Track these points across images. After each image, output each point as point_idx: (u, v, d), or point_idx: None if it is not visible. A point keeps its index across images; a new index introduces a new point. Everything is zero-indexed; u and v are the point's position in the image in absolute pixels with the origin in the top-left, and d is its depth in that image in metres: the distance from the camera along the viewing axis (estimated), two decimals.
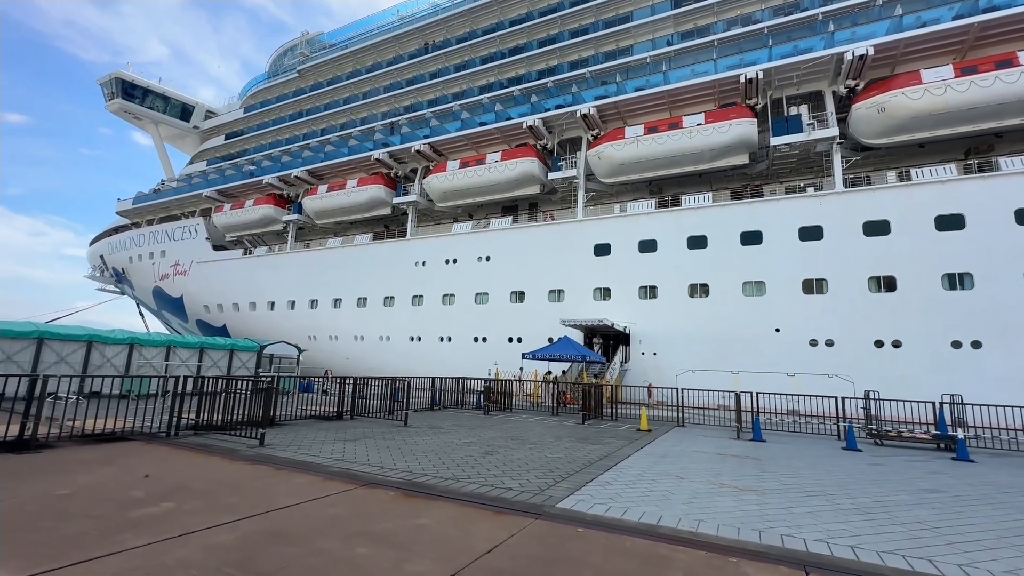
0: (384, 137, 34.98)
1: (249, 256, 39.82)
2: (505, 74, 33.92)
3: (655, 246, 24.94)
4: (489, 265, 29.20)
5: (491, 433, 10.80)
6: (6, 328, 13.19)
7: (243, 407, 9.43)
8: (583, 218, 27.17)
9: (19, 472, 5.75)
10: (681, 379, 22.82)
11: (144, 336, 16.25)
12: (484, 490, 5.76)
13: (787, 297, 21.79)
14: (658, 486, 6.36)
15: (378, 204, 33.77)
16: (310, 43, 46.80)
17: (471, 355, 28.65)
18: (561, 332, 26.03)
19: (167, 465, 6.44)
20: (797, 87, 24.00)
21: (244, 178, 40.30)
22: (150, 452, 7.27)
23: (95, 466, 6.21)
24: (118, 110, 45.44)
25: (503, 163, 28.75)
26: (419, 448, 8.51)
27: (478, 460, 7.62)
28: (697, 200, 24.54)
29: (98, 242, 53.62)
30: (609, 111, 27.14)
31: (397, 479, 6.10)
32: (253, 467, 6.51)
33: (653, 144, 24.75)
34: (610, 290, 25.71)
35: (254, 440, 8.24)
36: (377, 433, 10.14)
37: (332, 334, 34.01)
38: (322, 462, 6.97)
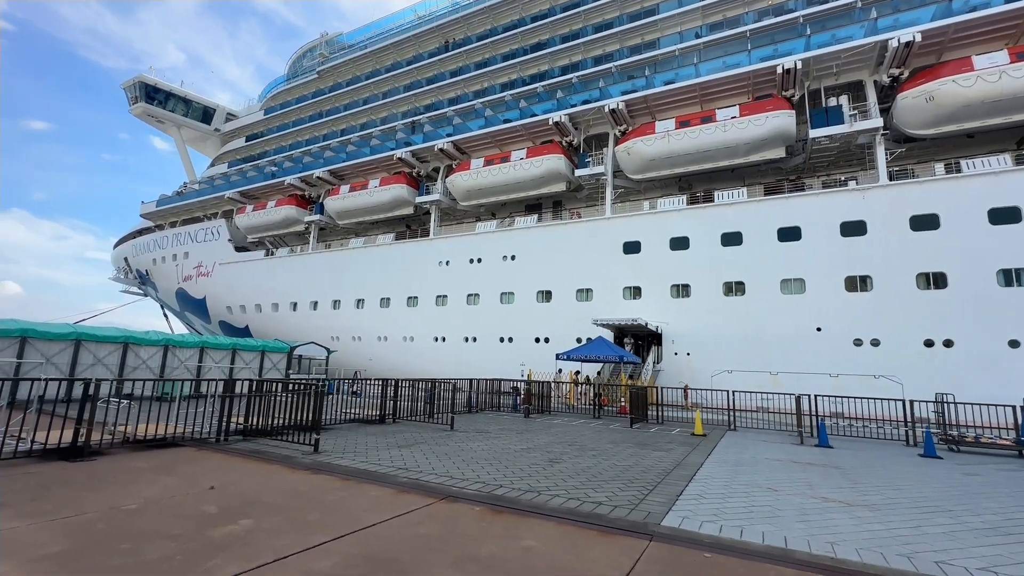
0: (406, 136, 34.73)
1: (271, 257, 39.88)
2: (527, 71, 33.45)
3: (687, 243, 24.26)
4: (514, 264, 28.75)
5: (544, 438, 10.33)
6: (45, 330, 13.08)
7: (291, 411, 9.10)
8: (611, 215, 26.58)
9: (78, 482, 5.42)
10: (717, 380, 22.29)
11: (178, 338, 16.11)
12: (572, 504, 5.29)
13: (829, 295, 20.99)
14: (755, 500, 5.84)
15: (401, 203, 33.52)
16: (329, 44, 46.81)
17: (497, 355, 28.24)
18: (590, 332, 25.51)
19: (228, 475, 6.08)
20: (836, 77, 23.16)
21: (266, 179, 40.37)
22: (205, 459, 6.93)
23: (154, 475, 5.87)
24: (141, 114, 45.90)
25: (528, 160, 28.27)
26: (478, 455, 8.07)
27: (546, 469, 7.16)
28: (731, 196, 23.81)
29: (122, 245, 54.32)
30: (638, 106, 26.51)
31: (473, 492, 5.66)
32: (317, 477, 6.11)
33: (685, 138, 24.08)
34: (640, 289, 25.09)
35: (307, 446, 7.88)
36: (427, 438, 9.73)
37: (355, 335, 33.84)
38: (385, 471, 6.56)
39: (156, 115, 46.09)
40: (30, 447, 6.30)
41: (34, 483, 5.29)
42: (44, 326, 13.33)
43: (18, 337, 12.60)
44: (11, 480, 5.38)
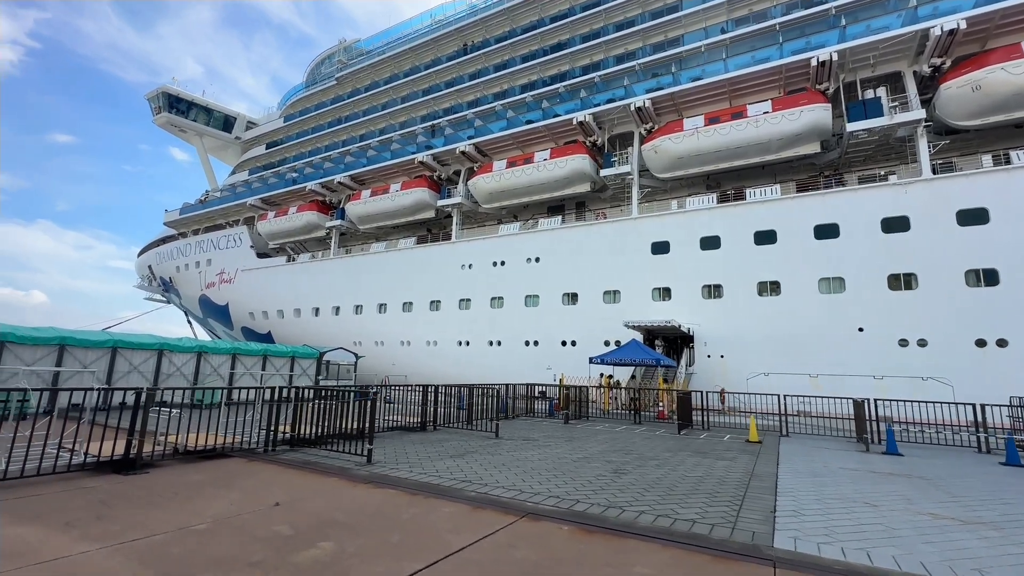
0: (427, 139, 34.62)
1: (293, 263, 40.02)
2: (547, 71, 33.15)
3: (718, 243, 23.64)
4: (539, 266, 28.35)
5: (595, 446, 9.89)
6: (83, 337, 13.04)
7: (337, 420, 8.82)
8: (638, 215, 26.05)
9: (139, 498, 5.14)
10: (753, 383, 21.60)
11: (211, 344, 16.00)
12: (664, 523, 4.87)
13: (871, 294, 20.22)
14: (859, 517, 5.35)
15: (422, 207, 33.36)
16: (347, 50, 47.07)
17: (522, 359, 27.85)
18: (618, 335, 25.02)
19: (288, 489, 5.76)
20: (873, 69, 22.40)
21: (287, 185, 40.60)
22: (258, 472, 6.63)
23: (213, 490, 5.58)
24: (165, 123, 46.56)
25: (552, 161, 27.90)
26: (536, 465, 7.67)
27: (616, 481, 6.73)
28: (763, 193, 23.15)
29: (146, 253, 55.14)
30: (664, 103, 25.99)
31: (551, 508, 5.25)
32: (381, 492, 5.77)
33: (715, 135, 23.49)
34: (670, 290, 24.51)
35: (359, 457, 7.56)
36: (476, 447, 9.36)
37: (378, 339, 33.70)
38: (449, 484, 6.19)
39: (179, 124, 46.71)
40: (84, 459, 6.06)
41: (94, 500, 5.02)
42: (81, 333, 13.30)
43: (57, 345, 12.55)
44: (70, 496, 5.12)
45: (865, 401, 11.69)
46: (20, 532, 4.04)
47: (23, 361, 11.93)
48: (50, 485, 5.49)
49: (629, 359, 18.13)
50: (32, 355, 12.11)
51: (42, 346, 12.33)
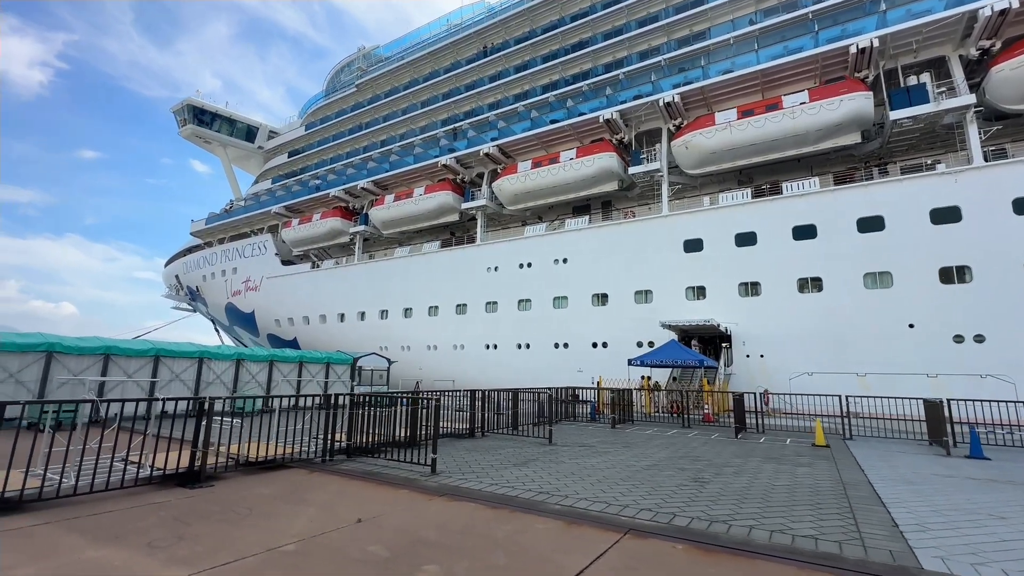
0: (449, 143, 34.50)
1: (317, 269, 40.23)
2: (569, 71, 32.78)
3: (754, 239, 22.95)
4: (567, 267, 27.92)
5: (658, 452, 9.43)
6: (127, 347, 13.04)
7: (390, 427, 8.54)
8: (669, 213, 25.46)
9: (214, 514, 4.88)
10: (796, 383, 20.85)
11: (249, 352, 15.94)
12: (782, 539, 4.43)
13: (921, 288, 19.35)
14: (995, 531, 4.83)
15: (447, 210, 33.21)
16: (366, 57, 47.37)
17: (552, 362, 27.42)
18: (651, 335, 24.45)
19: (362, 503, 5.45)
20: (915, 54, 21.55)
21: (310, 192, 40.88)
22: (326, 484, 6.35)
23: (287, 505, 5.29)
24: (190, 135, 47.34)
25: (579, 160, 27.49)
26: (608, 474, 7.26)
27: (702, 491, 6.29)
28: (801, 186, 22.41)
29: (173, 263, 56.08)
30: (694, 98, 25.41)
31: (652, 523, 4.85)
32: (459, 505, 5.42)
33: (749, 129, 22.84)
34: (704, 288, 23.87)
35: (421, 466, 7.23)
36: (534, 454, 8.99)
37: (404, 344, 33.56)
38: (527, 495, 5.82)
39: (204, 136, 47.47)
40: (150, 473, 5.84)
41: (168, 516, 4.77)
42: (125, 343, 13.32)
43: (102, 354, 12.55)
44: (143, 513, 4.88)
45: (941, 402, 10.99)
46: (104, 555, 3.79)
47: (70, 371, 11.95)
48: (119, 501, 5.27)
49: (670, 360, 17.59)
50: (79, 364, 12.13)
51: (88, 355, 12.34)
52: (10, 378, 11.01)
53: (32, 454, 4.93)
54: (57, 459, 5.50)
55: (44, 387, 11.42)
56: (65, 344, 11.91)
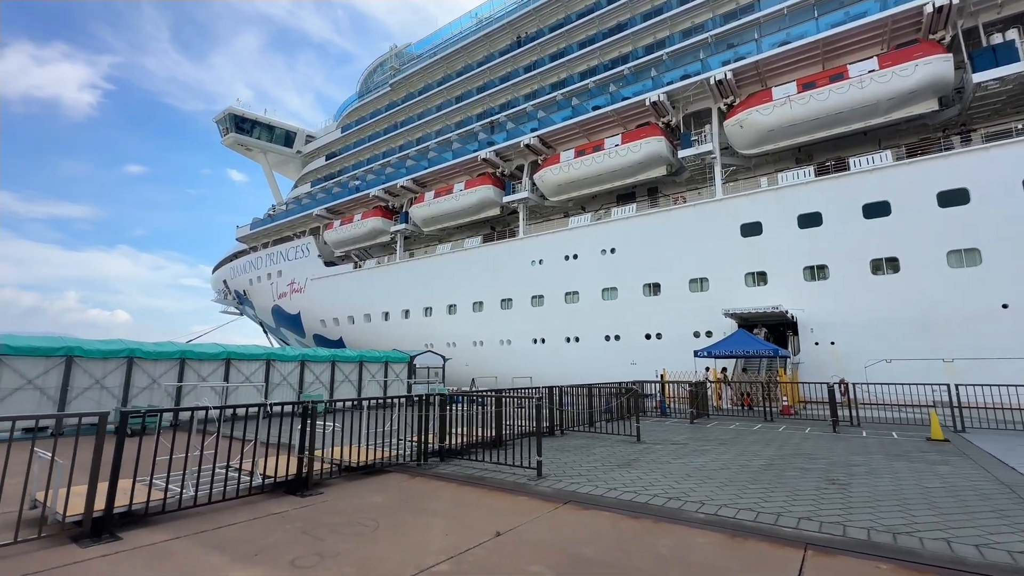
0: (487, 136, 34.09)
1: (360, 269, 40.64)
2: (608, 55, 31.81)
3: (819, 219, 21.64)
4: (615, 257, 27.15)
5: (763, 450, 8.77)
6: (200, 351, 13.25)
7: (476, 427, 8.19)
8: (723, 196, 24.32)
9: (341, 526, 4.59)
10: (871, 371, 19.58)
11: (312, 353, 16.00)
12: (998, 556, 3.79)
13: (1016, 265, 17.74)
14: None
15: (488, 205, 32.87)
16: (399, 56, 47.42)
17: (602, 355, 26.77)
18: (708, 325, 23.56)
19: (487, 513, 5.08)
20: (999, 9, 19.73)
21: (350, 194, 41.28)
22: (434, 490, 6.02)
23: (409, 515, 4.97)
24: (233, 143, 48.58)
25: (625, 146, 26.59)
26: (727, 475, 6.68)
27: (845, 495, 5.67)
28: (871, 161, 20.93)
29: (220, 268, 57.92)
30: (747, 74, 24.12)
31: (825, 536, 4.28)
32: (593, 515, 4.98)
33: (811, 102, 21.47)
34: (765, 274, 22.71)
35: (526, 469, 6.83)
36: (631, 453, 8.49)
37: (449, 340, 33.51)
38: (661, 502, 5.32)
39: (245, 143, 48.62)
40: (262, 481, 5.64)
41: (295, 529, 4.51)
42: (198, 347, 13.54)
43: (178, 359, 12.75)
44: (268, 526, 4.63)
45: None
46: (254, 575, 3.51)
47: (149, 375, 12.16)
48: (237, 511, 5.06)
49: (740, 351, 16.71)
50: (157, 369, 12.34)
51: (164, 360, 12.54)
52: (96, 384, 11.26)
53: (138, 462, 4.74)
54: (163, 467, 5.34)
55: (127, 392, 11.66)
56: (144, 350, 12.13)
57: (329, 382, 16.06)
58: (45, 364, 10.48)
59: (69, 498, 4.31)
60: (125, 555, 3.87)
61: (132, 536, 4.28)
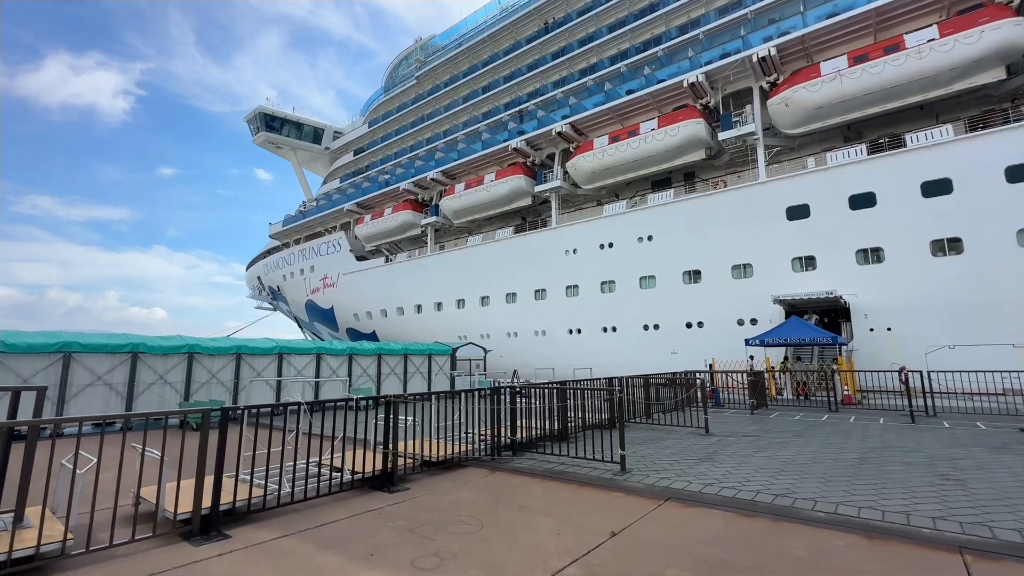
0: (517, 125, 33.67)
1: (391, 263, 40.90)
2: (639, 37, 30.95)
3: (873, 200, 20.61)
4: (652, 245, 26.52)
5: (848, 442, 8.35)
6: (254, 345, 13.45)
7: (547, 420, 7.99)
8: (767, 179, 23.41)
9: (441, 524, 4.45)
10: (933, 358, 18.63)
11: (359, 347, 16.10)
12: None
13: None
14: None
15: (519, 195, 32.53)
16: (423, 48, 47.21)
17: (640, 344, 26.29)
18: (752, 312, 22.86)
19: (590, 511, 4.88)
20: None
21: (380, 188, 41.46)
22: (521, 486, 5.85)
23: (509, 512, 4.81)
24: (263, 142, 49.34)
25: (662, 130, 25.82)
26: (822, 470, 6.33)
27: (971, 493, 5.25)
28: (929, 137, 19.78)
29: (254, 265, 59.19)
30: (792, 49, 23.06)
31: (977, 539, 3.92)
32: (703, 512, 4.72)
33: (863, 76, 20.38)
34: (814, 258, 21.81)
35: (607, 463, 6.59)
36: (707, 445, 8.18)
37: (483, 332, 33.46)
38: (770, 500, 5.02)
39: (275, 142, 49.31)
40: (352, 478, 5.55)
41: (401, 528, 4.39)
42: (253, 342, 13.75)
43: (234, 354, 12.96)
44: (370, 524, 4.52)
45: None
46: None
47: (208, 370, 12.39)
48: (334, 508, 4.98)
49: (795, 338, 16.08)
50: (215, 364, 12.56)
51: (221, 355, 12.76)
52: (160, 379, 11.51)
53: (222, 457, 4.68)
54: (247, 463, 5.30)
55: (189, 387, 11.89)
56: (203, 346, 12.35)
57: (376, 375, 16.15)
58: (112, 361, 10.75)
59: (171, 495, 4.27)
60: (241, 554, 3.81)
61: (239, 534, 4.22)
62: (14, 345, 9.38)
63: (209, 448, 4.23)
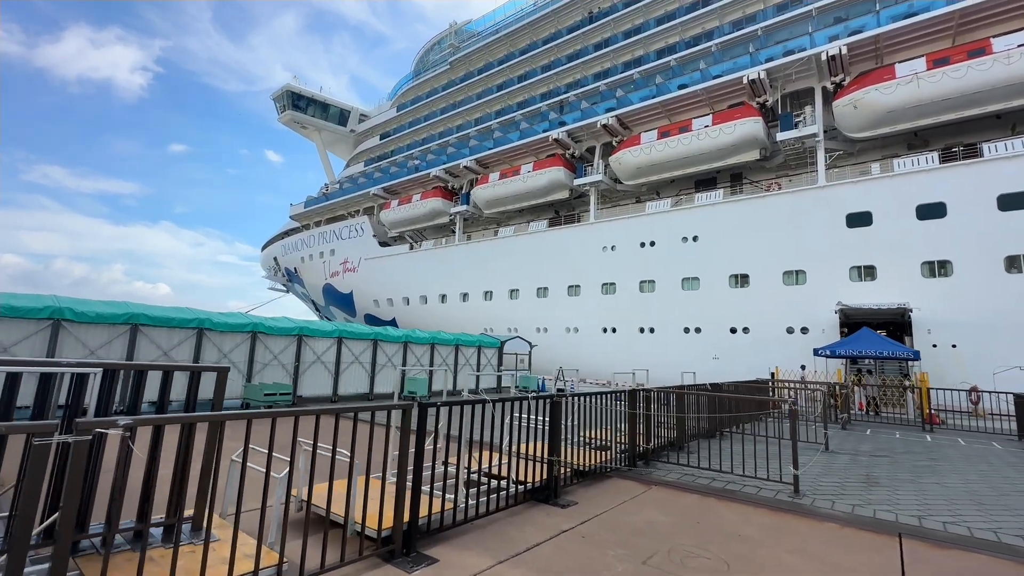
0: (558, 116, 32.79)
1: (416, 250, 40.16)
2: (689, 31, 30.11)
3: (943, 210, 19.77)
4: (697, 246, 25.72)
5: (995, 467, 7.59)
6: (315, 328, 12.71)
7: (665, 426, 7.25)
8: (827, 183, 22.55)
9: (672, 555, 3.73)
10: (1002, 378, 17.86)
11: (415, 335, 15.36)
12: None
13: None
14: None
15: (557, 187, 31.70)
16: (458, 34, 46.25)
17: (680, 347, 25.55)
18: (803, 320, 22.17)
19: (828, 547, 4.14)
20: None
21: (409, 173, 40.64)
22: (700, 504, 5.13)
23: (725, 542, 4.10)
24: (289, 121, 48.51)
25: (716, 128, 24.95)
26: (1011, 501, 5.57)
27: None
28: (1010, 147, 18.89)
29: (271, 246, 58.52)
30: (864, 49, 22.15)
31: None
32: (941, 553, 3.97)
33: (944, 80, 19.47)
34: (874, 268, 21.01)
35: (777, 483, 5.86)
36: (843, 462, 7.43)
37: (511, 326, 32.73)
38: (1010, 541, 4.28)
39: (301, 121, 48.49)
40: (517, 489, 4.83)
41: (618, 555, 3.67)
42: (315, 324, 13.06)
43: (296, 335, 12.25)
44: (581, 551, 3.81)
45: None
46: None
47: (271, 351, 11.69)
48: (519, 525, 4.26)
49: (872, 351, 15.30)
50: (277, 345, 11.86)
51: (284, 336, 12.05)
52: (224, 358, 10.82)
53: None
54: None
55: (251, 368, 11.20)
56: (267, 325, 11.65)
57: (429, 365, 15.45)
58: (179, 336, 10.05)
59: (358, 503, 3.55)
60: None
61: (444, 556, 3.51)
62: (83, 314, 8.64)
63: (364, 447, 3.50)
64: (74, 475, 2.09)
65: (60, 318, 8.54)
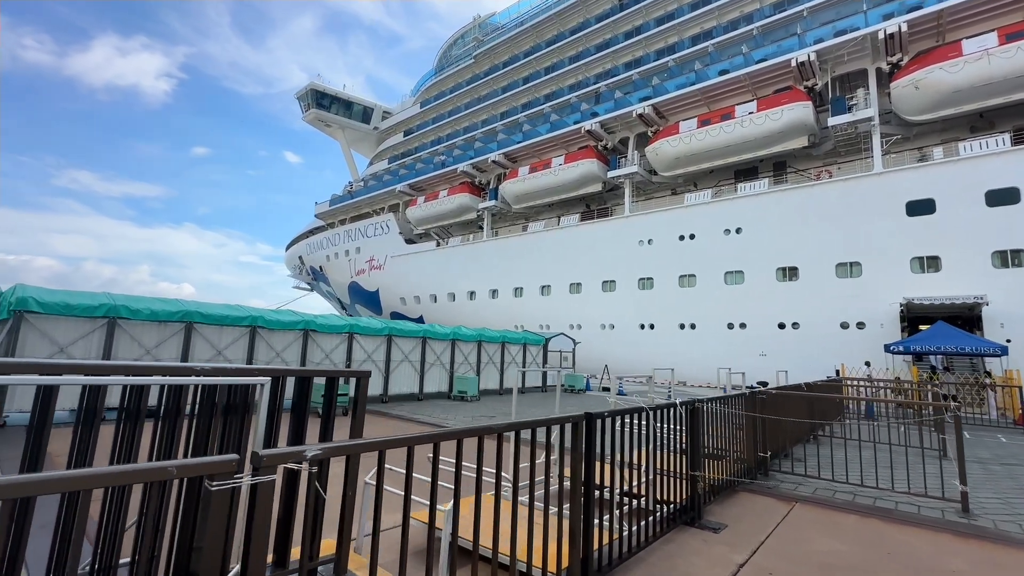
0: (590, 107, 31.90)
1: (443, 247, 39.67)
2: (726, 15, 29.00)
3: (1016, 196, 18.46)
4: (740, 238, 24.66)
5: None
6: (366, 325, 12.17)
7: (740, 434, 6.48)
8: (884, 170, 21.32)
9: None
10: None
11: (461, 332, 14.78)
12: None
13: None
14: None
15: (590, 180, 30.84)
16: (481, 27, 45.62)
17: (724, 344, 24.56)
18: (859, 315, 21.04)
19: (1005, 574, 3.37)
20: None
21: (436, 169, 40.14)
22: (863, 527, 4.38)
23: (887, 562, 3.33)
24: (313, 120, 48.45)
25: (762, 114, 23.83)
26: None
27: None
28: None
29: (295, 245, 58.71)
30: (925, 25, 20.84)
31: None
32: None
33: (1019, 56, 18.12)
34: (938, 258, 19.78)
35: (940, 500, 5.07)
36: (989, 474, 6.58)
37: (542, 323, 32.05)
38: None
39: (325, 119, 48.38)
40: (664, 511, 4.16)
41: None
42: (364, 322, 12.58)
43: (347, 333, 11.75)
44: None
45: None
46: None
47: (322, 349, 11.22)
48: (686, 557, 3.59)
49: (953, 347, 14.21)
50: (329, 343, 11.38)
51: (335, 334, 11.55)
52: (277, 357, 10.37)
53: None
54: None
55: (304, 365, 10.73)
56: (317, 323, 11.18)
57: (476, 363, 14.87)
58: (232, 335, 9.62)
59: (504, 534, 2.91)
60: None
61: None
62: (139, 312, 8.23)
63: None
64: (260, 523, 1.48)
65: (116, 316, 8.16)
